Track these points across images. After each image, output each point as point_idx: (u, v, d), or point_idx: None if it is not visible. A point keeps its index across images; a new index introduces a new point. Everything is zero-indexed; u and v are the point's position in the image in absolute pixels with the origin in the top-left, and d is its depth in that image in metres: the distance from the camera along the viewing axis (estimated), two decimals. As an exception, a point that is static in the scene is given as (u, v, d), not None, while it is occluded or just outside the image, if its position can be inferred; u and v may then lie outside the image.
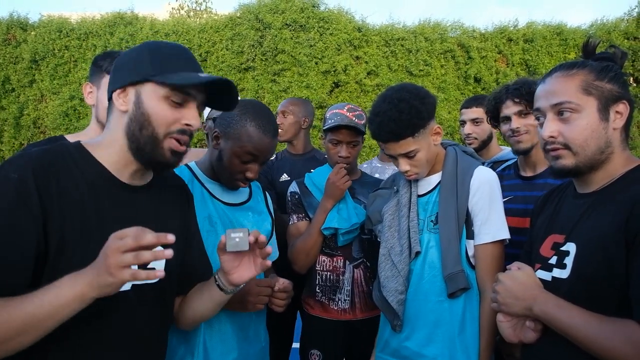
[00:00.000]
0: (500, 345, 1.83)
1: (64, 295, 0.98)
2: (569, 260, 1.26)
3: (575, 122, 1.26)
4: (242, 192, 1.88)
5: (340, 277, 2.21)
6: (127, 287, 1.18)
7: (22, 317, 0.98)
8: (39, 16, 11.35)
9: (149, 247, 0.98)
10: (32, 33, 10.85)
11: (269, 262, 1.31)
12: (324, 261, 2.24)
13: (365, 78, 9.98)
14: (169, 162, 1.23)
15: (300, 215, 2.29)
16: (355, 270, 2.21)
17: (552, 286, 1.29)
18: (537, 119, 1.37)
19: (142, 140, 1.19)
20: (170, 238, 0.98)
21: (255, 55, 10.06)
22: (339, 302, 2.21)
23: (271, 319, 1.99)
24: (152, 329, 1.29)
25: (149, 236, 0.96)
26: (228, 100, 1.34)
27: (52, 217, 1.08)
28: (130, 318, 1.21)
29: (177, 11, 16.79)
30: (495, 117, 2.28)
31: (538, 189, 2.05)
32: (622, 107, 1.27)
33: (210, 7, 17.51)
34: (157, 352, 1.34)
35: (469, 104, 2.91)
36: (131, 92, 1.20)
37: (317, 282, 2.25)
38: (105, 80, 1.84)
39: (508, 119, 2.17)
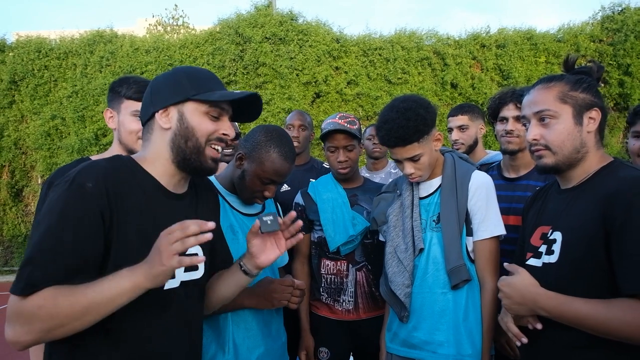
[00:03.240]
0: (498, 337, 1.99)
1: (122, 285, 1.14)
2: (556, 247, 1.46)
3: (553, 126, 1.48)
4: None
5: (344, 280, 2.33)
6: (176, 284, 1.37)
7: (84, 302, 1.12)
8: (16, 37, 11.27)
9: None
10: (10, 54, 10.75)
11: (300, 236, 1.49)
12: (328, 265, 2.36)
13: (345, 88, 10.16)
14: (210, 167, 1.41)
15: None
16: (357, 273, 2.33)
17: (542, 271, 1.48)
18: (524, 125, 1.60)
19: (188, 151, 1.37)
20: (211, 225, 1.15)
21: (237, 69, 10.17)
22: (343, 303, 2.33)
23: (289, 320, 2.13)
24: (197, 319, 1.49)
25: (193, 226, 1.13)
26: (254, 111, 1.52)
27: (117, 221, 1.24)
28: (182, 310, 1.39)
29: (154, 27, 16.73)
30: (494, 115, 2.49)
31: (520, 189, 2.29)
32: (595, 114, 1.49)
33: (187, 22, 17.49)
34: (199, 339, 1.52)
35: (455, 112, 3.09)
36: (173, 111, 1.37)
37: (322, 285, 2.37)
38: (125, 104, 1.95)
39: (505, 119, 2.40)
